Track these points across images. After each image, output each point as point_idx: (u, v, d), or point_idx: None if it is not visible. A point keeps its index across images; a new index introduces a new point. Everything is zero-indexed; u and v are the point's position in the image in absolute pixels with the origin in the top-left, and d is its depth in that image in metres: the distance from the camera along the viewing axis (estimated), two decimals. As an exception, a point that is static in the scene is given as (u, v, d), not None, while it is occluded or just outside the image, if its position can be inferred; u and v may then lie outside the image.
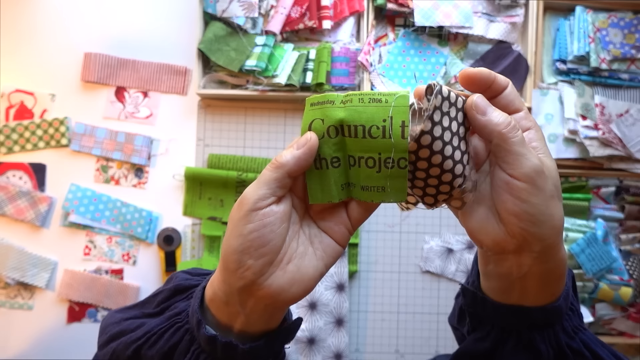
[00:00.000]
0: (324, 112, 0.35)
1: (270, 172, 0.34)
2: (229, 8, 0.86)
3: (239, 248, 0.34)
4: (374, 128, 0.33)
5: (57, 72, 0.91)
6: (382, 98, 0.33)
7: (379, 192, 0.35)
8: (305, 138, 0.34)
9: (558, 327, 0.38)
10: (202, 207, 0.89)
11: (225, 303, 0.36)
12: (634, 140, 0.88)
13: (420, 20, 0.87)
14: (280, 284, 0.35)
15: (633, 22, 0.90)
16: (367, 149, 0.34)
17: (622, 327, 0.88)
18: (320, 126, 0.34)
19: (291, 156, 0.34)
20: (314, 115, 0.35)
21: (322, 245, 0.37)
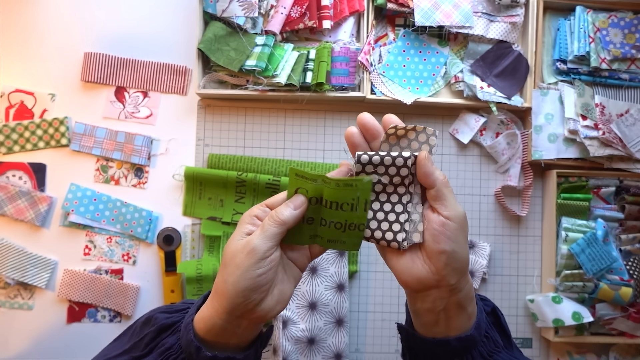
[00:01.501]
0: (307, 186, 0.46)
1: (275, 228, 0.45)
2: (229, 8, 0.86)
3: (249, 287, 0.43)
4: (345, 204, 0.46)
5: (57, 72, 0.91)
6: (353, 183, 0.45)
7: (340, 244, 0.49)
8: (300, 201, 0.46)
9: (475, 352, 0.46)
10: (202, 207, 0.89)
11: (224, 329, 0.45)
12: (634, 140, 0.88)
13: (420, 20, 0.87)
14: (269, 306, 0.45)
15: (633, 22, 0.90)
16: (338, 217, 0.47)
17: (622, 327, 0.88)
18: (304, 194, 0.47)
19: (290, 215, 0.45)
20: (298, 184, 0.47)
21: (292, 271, 0.48)
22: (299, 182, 0.47)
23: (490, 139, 0.93)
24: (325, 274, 0.85)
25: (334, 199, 0.46)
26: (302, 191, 0.47)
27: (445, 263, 0.43)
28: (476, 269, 0.90)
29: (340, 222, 0.47)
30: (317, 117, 0.92)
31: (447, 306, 0.45)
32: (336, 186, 0.45)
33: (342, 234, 0.48)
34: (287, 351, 0.82)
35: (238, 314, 0.44)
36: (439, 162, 0.93)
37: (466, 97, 0.90)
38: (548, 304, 0.86)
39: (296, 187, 0.47)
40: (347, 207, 0.46)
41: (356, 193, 0.46)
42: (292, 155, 0.92)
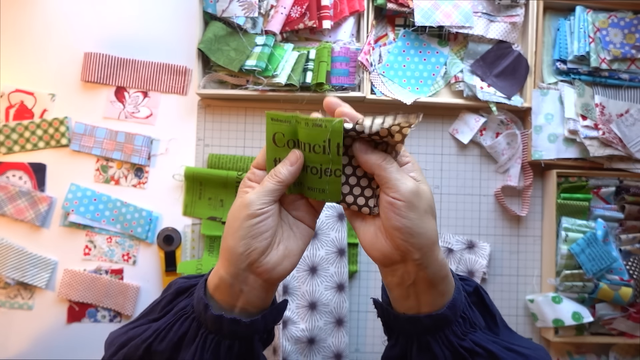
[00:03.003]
0: (282, 128, 0.46)
1: (274, 185, 0.46)
2: (229, 8, 0.86)
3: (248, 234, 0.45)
4: (317, 146, 0.45)
5: (57, 72, 0.91)
6: (322, 124, 0.44)
7: (320, 193, 0.48)
8: (296, 156, 0.46)
9: (448, 331, 0.46)
10: (202, 207, 0.89)
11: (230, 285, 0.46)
12: (634, 140, 0.88)
13: (420, 20, 0.87)
14: (275, 261, 0.46)
15: (633, 22, 0.90)
16: (312, 160, 0.46)
17: (622, 327, 0.88)
18: (281, 138, 0.47)
19: (288, 172, 0.46)
20: (274, 129, 0.47)
21: (299, 229, 0.49)
22: (275, 126, 0.46)
23: (490, 139, 0.93)
24: (325, 274, 0.85)
25: (307, 140, 0.45)
26: (279, 135, 0.47)
27: (401, 239, 0.43)
28: (476, 269, 0.90)
29: (316, 166, 0.47)
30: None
31: (415, 281, 0.45)
32: (305, 125, 0.45)
33: (319, 181, 0.48)
34: (287, 351, 0.82)
35: (243, 266, 0.45)
36: (439, 162, 0.93)
37: (466, 97, 0.90)
38: (548, 304, 0.86)
39: (273, 131, 0.47)
40: (319, 149, 0.45)
41: (326, 134, 0.45)
42: (292, 155, 0.92)
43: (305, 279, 0.85)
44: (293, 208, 0.50)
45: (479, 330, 0.48)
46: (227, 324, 0.45)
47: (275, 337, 0.83)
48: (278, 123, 0.46)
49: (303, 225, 0.50)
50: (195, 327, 0.47)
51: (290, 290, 0.84)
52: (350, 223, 0.49)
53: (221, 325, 0.46)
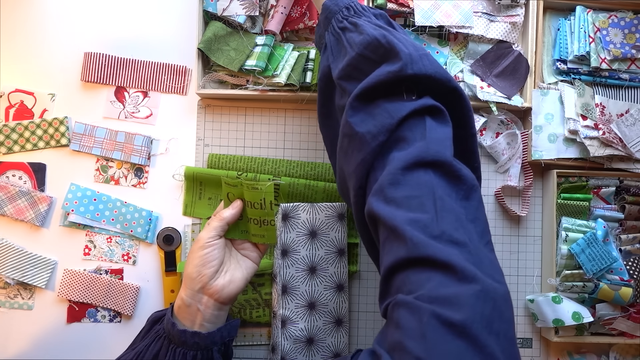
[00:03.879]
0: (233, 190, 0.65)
1: (217, 222, 0.63)
2: (229, 6, 0.86)
3: (198, 263, 0.60)
4: (256, 204, 0.63)
5: (57, 72, 0.91)
6: (258, 186, 0.62)
7: (261, 237, 0.67)
8: (237, 204, 0.65)
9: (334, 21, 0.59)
10: (202, 207, 0.89)
11: (188, 305, 0.59)
12: (634, 140, 0.88)
13: (420, 20, 0.87)
14: (222, 284, 0.61)
15: (633, 22, 0.90)
16: (255, 214, 0.64)
17: (623, 327, 0.88)
18: (233, 197, 0.66)
19: (229, 214, 0.64)
20: (228, 190, 0.66)
21: (245, 263, 0.67)
22: (228, 188, 0.65)
23: (490, 139, 0.92)
24: (324, 274, 0.85)
25: (250, 199, 0.63)
26: (232, 195, 0.64)
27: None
28: (476, 269, 0.90)
29: (257, 218, 0.64)
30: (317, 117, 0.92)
31: None
32: (247, 189, 0.62)
33: (260, 229, 0.65)
34: (285, 350, 0.82)
35: (196, 288, 0.59)
36: (439, 162, 0.93)
37: (466, 97, 0.90)
38: (548, 304, 0.86)
39: (227, 191, 0.65)
40: (257, 205, 0.63)
41: (261, 195, 0.62)
42: (292, 155, 0.92)
43: (304, 279, 0.85)
44: (241, 247, 0.68)
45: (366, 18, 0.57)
46: (189, 336, 0.57)
47: (274, 335, 0.83)
48: (229, 186, 0.64)
49: (249, 260, 0.67)
50: (167, 344, 0.59)
51: (289, 289, 0.84)
52: None
53: (185, 339, 0.57)
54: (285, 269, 0.84)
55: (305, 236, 0.85)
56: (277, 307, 0.84)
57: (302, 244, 0.85)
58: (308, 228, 0.85)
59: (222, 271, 0.62)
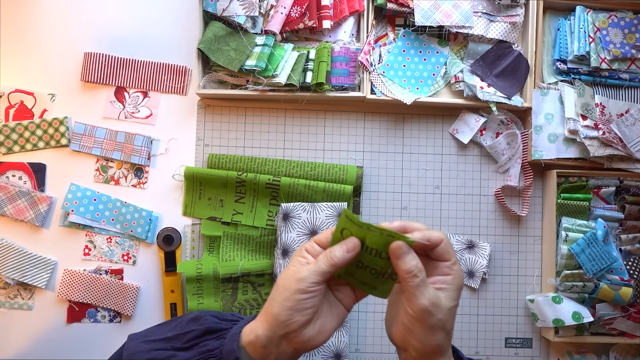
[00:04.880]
0: (353, 229, 0.51)
1: (326, 266, 0.50)
2: (229, 7, 0.86)
3: (293, 307, 0.49)
4: (384, 253, 0.50)
5: (57, 72, 0.91)
6: (395, 235, 0.49)
7: (371, 289, 0.53)
8: (353, 244, 0.50)
9: None
10: (202, 207, 0.89)
11: (264, 346, 0.50)
12: (634, 140, 0.88)
13: (420, 20, 0.87)
14: (310, 335, 0.50)
15: (633, 22, 0.90)
16: (375, 263, 0.51)
17: (623, 327, 0.88)
18: (347, 234, 0.51)
19: (342, 257, 0.50)
20: (345, 225, 0.51)
21: (337, 309, 0.53)
22: (347, 224, 0.51)
23: (490, 139, 0.92)
24: (325, 274, 0.85)
25: (375, 247, 0.50)
26: (347, 232, 0.51)
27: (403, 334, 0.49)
28: (476, 269, 0.90)
29: (376, 268, 0.51)
30: (317, 117, 0.92)
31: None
32: (380, 235, 0.50)
33: (375, 280, 0.52)
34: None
35: (280, 333, 0.49)
36: (439, 162, 0.93)
37: (466, 97, 0.90)
38: (548, 304, 0.86)
39: (343, 227, 0.51)
40: (384, 255, 0.50)
41: None
42: (292, 155, 0.92)
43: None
44: (337, 289, 0.54)
45: None
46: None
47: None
48: (350, 223, 0.51)
49: (341, 306, 0.54)
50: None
51: (290, 290, 0.84)
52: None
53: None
54: (285, 269, 0.84)
55: (305, 236, 0.85)
56: (277, 307, 0.84)
57: (303, 243, 0.85)
58: (308, 228, 0.85)
59: (314, 319, 0.51)
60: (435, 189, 0.93)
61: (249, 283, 0.88)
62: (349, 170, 0.89)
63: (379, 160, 0.93)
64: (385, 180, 0.92)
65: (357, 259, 0.52)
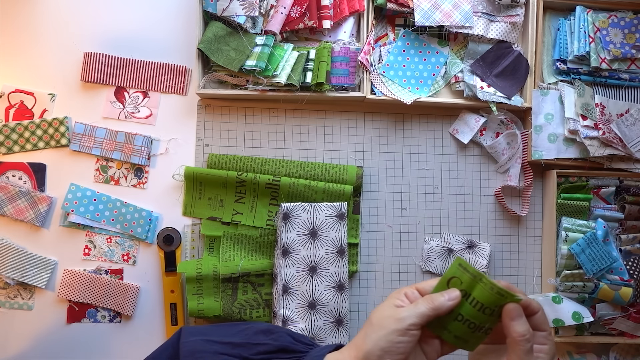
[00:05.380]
0: (463, 277, 0.51)
1: (426, 310, 0.49)
2: (229, 7, 0.86)
3: (386, 348, 0.48)
4: (488, 309, 0.49)
5: (57, 72, 0.91)
6: (506, 294, 0.49)
7: (463, 342, 0.52)
8: (455, 295, 0.50)
9: None
10: (202, 207, 0.89)
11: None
12: (634, 140, 0.88)
13: (420, 20, 0.87)
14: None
15: (633, 22, 0.90)
16: (476, 318, 0.50)
17: (623, 327, 0.88)
18: (456, 284, 0.51)
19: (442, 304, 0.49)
20: (455, 274, 0.51)
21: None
22: (457, 272, 0.51)
23: (490, 139, 0.92)
24: (325, 274, 0.85)
25: (482, 300, 0.50)
26: (457, 281, 0.51)
27: None
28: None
29: (476, 322, 0.51)
30: (317, 117, 0.92)
31: None
32: (490, 289, 0.49)
33: (471, 334, 0.51)
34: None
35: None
36: (439, 162, 0.93)
37: (466, 97, 0.90)
38: (548, 304, 0.86)
39: (452, 275, 0.51)
40: (488, 311, 0.50)
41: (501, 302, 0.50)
42: (292, 155, 0.92)
43: (305, 279, 0.85)
44: (424, 341, 0.52)
45: None
46: None
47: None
48: (463, 270, 0.51)
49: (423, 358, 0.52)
50: None
51: (289, 289, 0.84)
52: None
53: None
54: (285, 269, 0.84)
55: (305, 236, 0.85)
56: (278, 307, 0.84)
57: (303, 243, 0.85)
58: (308, 228, 0.85)
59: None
60: (435, 189, 0.93)
61: (249, 283, 0.88)
62: (349, 170, 0.89)
63: (379, 160, 0.93)
64: (385, 180, 0.92)
65: (457, 311, 0.51)
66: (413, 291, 0.52)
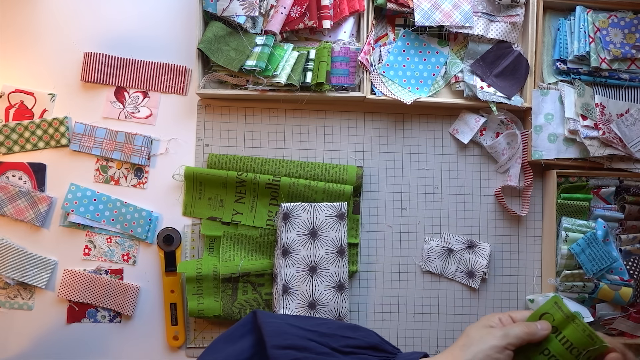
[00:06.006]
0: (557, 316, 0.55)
1: (523, 334, 0.53)
2: (229, 7, 0.86)
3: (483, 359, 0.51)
4: (575, 350, 0.53)
5: (57, 72, 0.91)
6: (595, 339, 0.53)
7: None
8: (547, 326, 0.54)
9: None
10: (202, 207, 0.89)
11: None
12: (634, 140, 0.88)
13: (420, 20, 0.87)
14: None
15: (633, 22, 0.90)
16: (562, 355, 0.53)
17: (623, 327, 0.88)
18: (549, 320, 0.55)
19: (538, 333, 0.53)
20: (549, 310, 0.55)
21: None
22: (552, 309, 0.55)
23: (490, 139, 0.92)
24: (325, 274, 0.85)
25: (571, 339, 0.53)
26: (549, 317, 0.55)
27: None
28: (476, 269, 0.90)
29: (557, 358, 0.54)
30: (317, 117, 0.92)
31: None
32: (582, 331, 0.53)
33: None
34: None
35: None
36: (439, 162, 0.93)
37: (466, 97, 0.90)
38: (548, 304, 0.86)
39: (545, 310, 0.55)
40: (575, 352, 0.53)
41: (590, 346, 0.53)
42: (292, 155, 0.92)
43: (305, 279, 0.85)
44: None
45: None
46: None
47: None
48: (557, 308, 0.55)
49: None
50: None
51: (290, 289, 0.84)
52: None
53: None
54: (285, 269, 0.84)
55: (305, 236, 0.85)
56: (278, 307, 0.84)
57: (303, 243, 0.85)
58: (308, 228, 0.85)
59: None
60: (435, 189, 0.93)
61: (249, 283, 0.88)
62: (349, 170, 0.89)
63: (379, 160, 0.93)
64: (385, 180, 0.92)
65: (545, 346, 0.54)
66: (506, 317, 0.56)
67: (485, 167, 0.93)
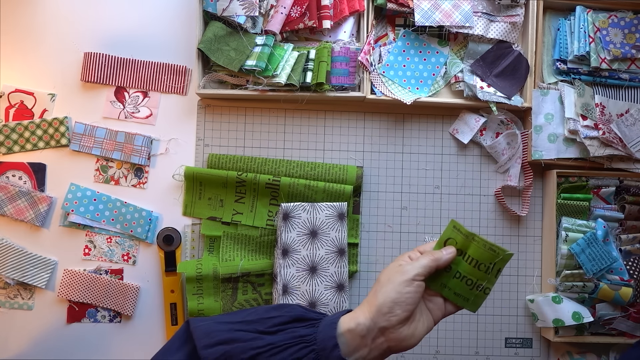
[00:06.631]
0: (458, 238, 0.57)
1: (428, 262, 0.55)
2: (229, 7, 0.86)
3: (395, 299, 0.53)
4: (482, 265, 0.56)
5: (57, 72, 0.91)
6: (497, 250, 0.55)
7: (464, 301, 0.57)
8: (452, 250, 0.57)
9: None
10: (202, 207, 0.89)
11: (363, 335, 0.53)
12: (634, 140, 0.88)
13: (420, 20, 0.87)
14: (406, 334, 0.53)
15: (633, 22, 0.90)
16: (472, 274, 0.57)
17: (622, 327, 0.88)
18: (453, 244, 0.58)
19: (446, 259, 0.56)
20: (451, 235, 0.58)
21: (427, 318, 0.57)
22: (452, 233, 0.58)
23: (490, 139, 0.92)
24: (325, 274, 0.85)
25: (476, 257, 0.56)
26: (452, 242, 0.58)
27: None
28: (476, 269, 0.90)
29: (472, 279, 0.57)
30: (317, 117, 0.92)
31: None
32: (482, 247, 0.56)
33: (469, 291, 0.57)
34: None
35: (380, 325, 0.53)
36: (439, 162, 0.93)
37: (466, 97, 0.90)
38: (548, 304, 0.86)
39: (448, 236, 0.58)
40: (483, 267, 0.56)
41: (495, 259, 0.55)
42: (292, 155, 0.92)
43: (305, 279, 0.85)
44: (429, 299, 0.58)
45: None
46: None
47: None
48: (456, 232, 0.57)
49: (430, 316, 0.57)
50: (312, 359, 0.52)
51: (290, 289, 0.84)
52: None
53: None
54: (285, 269, 0.84)
55: (305, 236, 0.85)
56: (277, 307, 0.84)
57: (303, 243, 0.85)
58: (308, 228, 0.85)
59: (410, 320, 0.54)
60: (435, 189, 0.93)
61: (249, 283, 0.88)
62: (349, 170, 0.89)
63: (379, 160, 0.93)
64: (385, 180, 0.92)
65: (455, 269, 0.57)
66: (415, 253, 0.58)
67: (485, 167, 0.93)
